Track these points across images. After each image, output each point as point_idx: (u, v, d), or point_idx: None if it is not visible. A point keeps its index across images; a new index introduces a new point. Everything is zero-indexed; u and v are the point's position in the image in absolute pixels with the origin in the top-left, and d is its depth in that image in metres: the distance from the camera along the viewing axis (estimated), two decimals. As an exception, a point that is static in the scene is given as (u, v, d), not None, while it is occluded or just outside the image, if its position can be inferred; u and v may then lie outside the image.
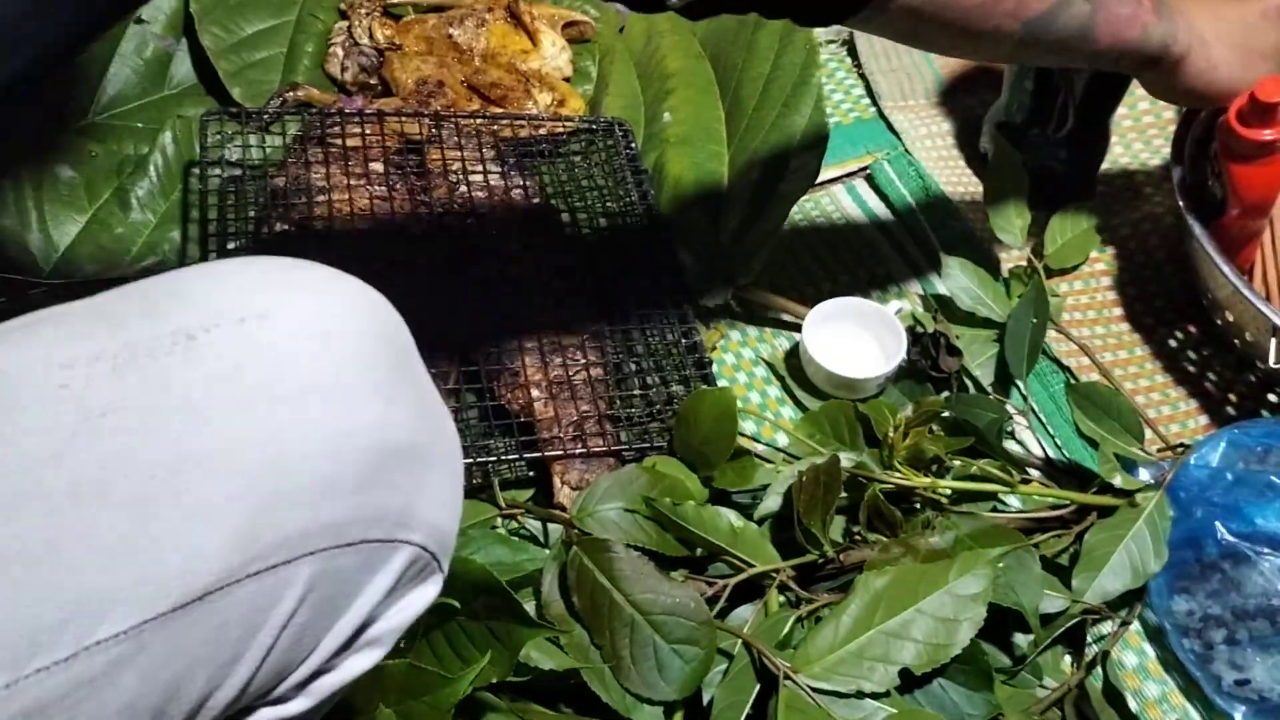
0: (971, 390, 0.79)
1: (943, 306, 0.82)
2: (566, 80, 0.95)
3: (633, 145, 0.88)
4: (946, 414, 0.72)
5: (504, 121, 0.88)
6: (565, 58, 0.95)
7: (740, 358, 0.81)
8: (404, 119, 0.85)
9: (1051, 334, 0.81)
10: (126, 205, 0.81)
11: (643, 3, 0.58)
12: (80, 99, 0.87)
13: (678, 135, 0.89)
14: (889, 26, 0.63)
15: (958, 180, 0.93)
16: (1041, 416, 0.79)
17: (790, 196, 0.80)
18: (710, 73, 0.92)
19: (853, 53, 1.04)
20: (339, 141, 0.81)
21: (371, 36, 0.92)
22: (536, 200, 0.83)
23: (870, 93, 1.01)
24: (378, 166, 0.81)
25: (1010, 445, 0.77)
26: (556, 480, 0.69)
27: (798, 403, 0.79)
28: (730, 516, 0.63)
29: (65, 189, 0.80)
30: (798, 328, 0.82)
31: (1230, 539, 0.66)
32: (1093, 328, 0.85)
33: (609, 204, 0.86)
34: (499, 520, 0.68)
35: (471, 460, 0.69)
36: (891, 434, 0.68)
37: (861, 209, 0.92)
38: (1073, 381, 0.80)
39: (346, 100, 0.88)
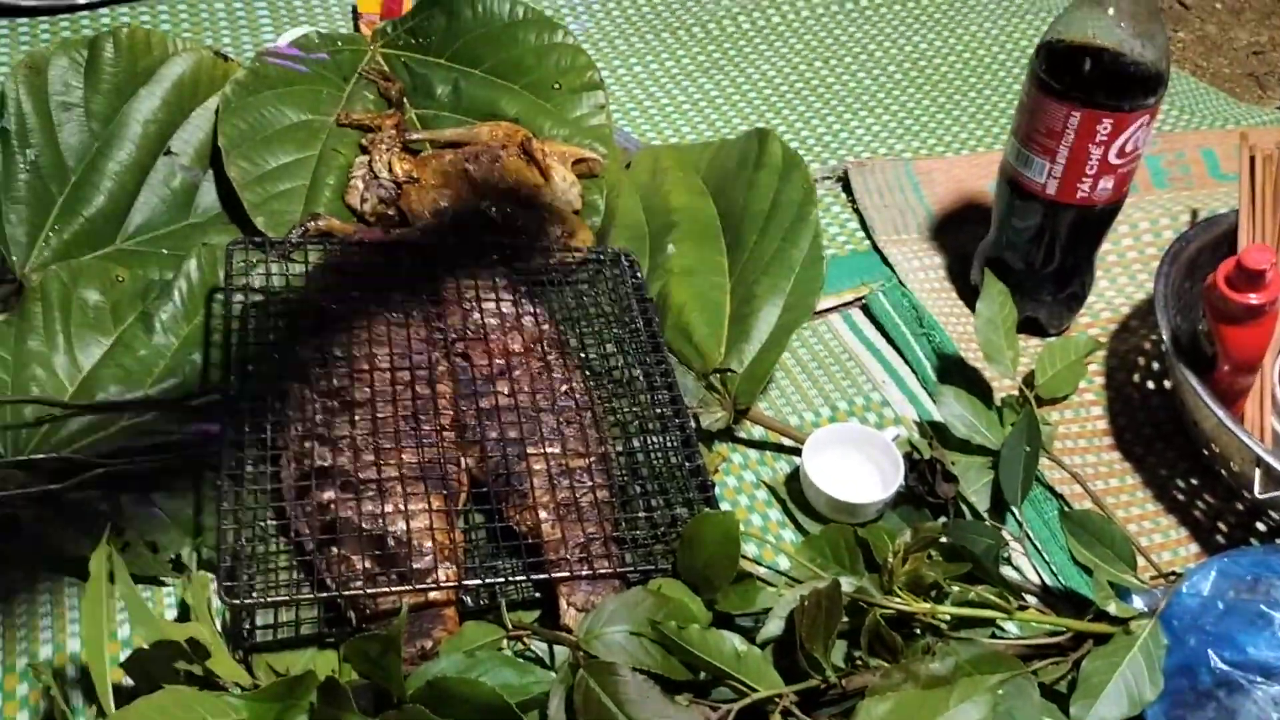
0: (968, 516, 0.81)
1: (938, 433, 0.85)
2: (576, 213, 1.00)
3: (639, 275, 0.91)
4: (944, 540, 0.74)
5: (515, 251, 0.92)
6: (575, 192, 1.00)
7: (742, 480, 0.84)
8: (422, 248, 0.88)
9: (1044, 462, 0.83)
10: (150, 329, 0.84)
11: None
12: (109, 226, 0.91)
13: (681, 266, 0.92)
14: None
15: (950, 311, 0.97)
16: (1037, 543, 0.80)
17: (790, 326, 0.84)
18: (713, 208, 0.96)
19: (847, 189, 1.09)
20: (359, 270, 0.85)
21: (391, 170, 0.97)
22: (546, 327, 0.86)
23: (865, 227, 1.05)
24: (395, 295, 0.84)
25: (1007, 571, 0.78)
26: (563, 602, 0.71)
27: (798, 526, 0.80)
28: (735, 641, 0.64)
29: (92, 312, 0.83)
30: (797, 451, 0.84)
31: (1224, 668, 0.67)
32: (1084, 456, 0.87)
33: (615, 330, 0.89)
34: (505, 642, 0.69)
35: (480, 581, 0.70)
36: (891, 559, 0.70)
37: (858, 337, 0.95)
38: (1066, 509, 0.82)
39: (366, 230, 0.92)
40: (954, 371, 0.89)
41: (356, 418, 0.76)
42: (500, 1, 1.06)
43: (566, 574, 0.71)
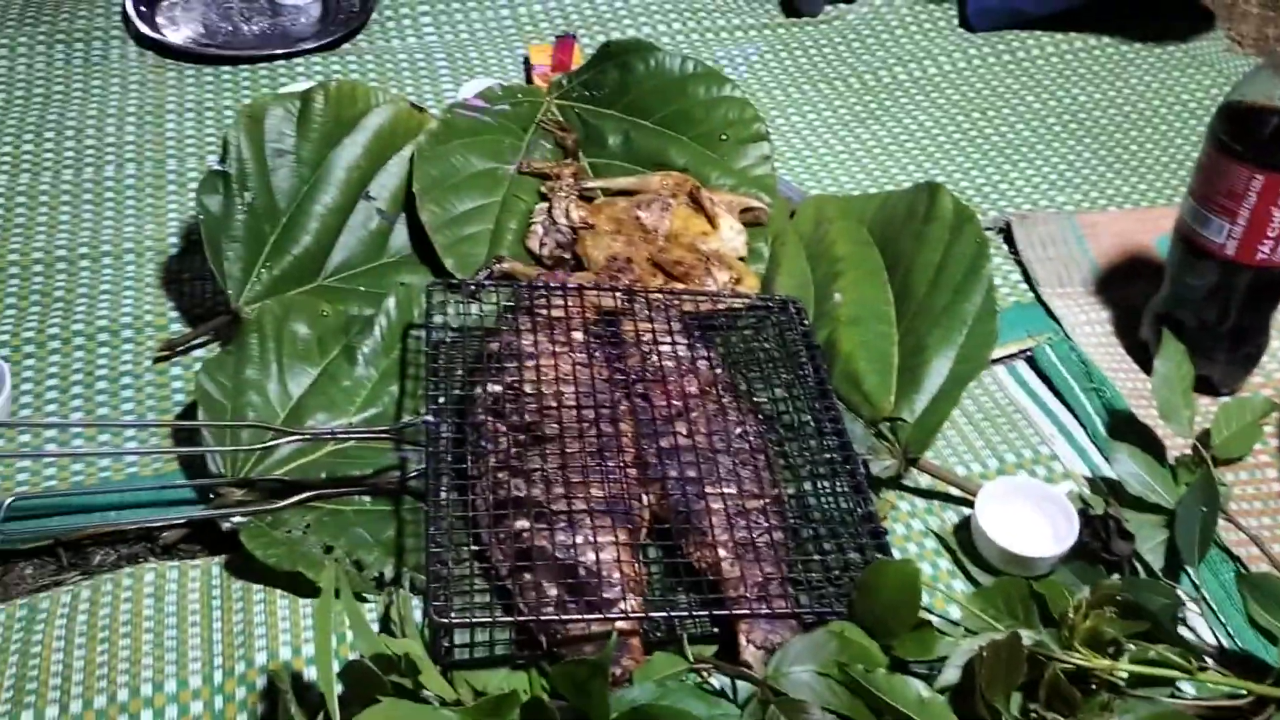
0: (1142, 575, 0.81)
1: (1110, 490, 0.85)
2: (742, 260, 1.03)
3: (806, 321, 0.94)
4: (1119, 597, 0.74)
5: (687, 297, 0.96)
6: (741, 239, 1.03)
7: (910, 529, 0.85)
8: (601, 292, 0.93)
9: (1220, 523, 0.82)
10: (353, 361, 0.90)
11: None
12: (313, 264, 0.98)
13: (848, 315, 0.95)
14: None
15: (1118, 367, 0.97)
16: (1213, 604, 0.80)
17: (963, 378, 0.85)
18: (879, 258, 0.99)
19: (1009, 240, 1.10)
20: (545, 311, 0.90)
21: (568, 216, 1.02)
22: (720, 371, 0.90)
23: (1027, 278, 1.06)
24: (578, 335, 0.89)
25: (1182, 632, 0.78)
26: (742, 639, 0.73)
27: (969, 576, 0.82)
28: (919, 687, 0.66)
29: (301, 344, 0.90)
30: (965, 502, 0.85)
31: None
32: (1259, 518, 0.86)
33: (783, 375, 0.92)
34: (686, 675, 0.72)
35: (666, 614, 0.73)
36: (1072, 614, 0.71)
37: (1024, 390, 0.96)
38: (1243, 571, 0.81)
39: (547, 273, 0.97)
40: (1125, 428, 0.89)
41: (546, 451, 0.80)
42: (671, 57, 1.11)
43: (747, 612, 0.73)
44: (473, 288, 0.94)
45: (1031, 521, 0.82)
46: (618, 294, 0.94)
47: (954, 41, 1.40)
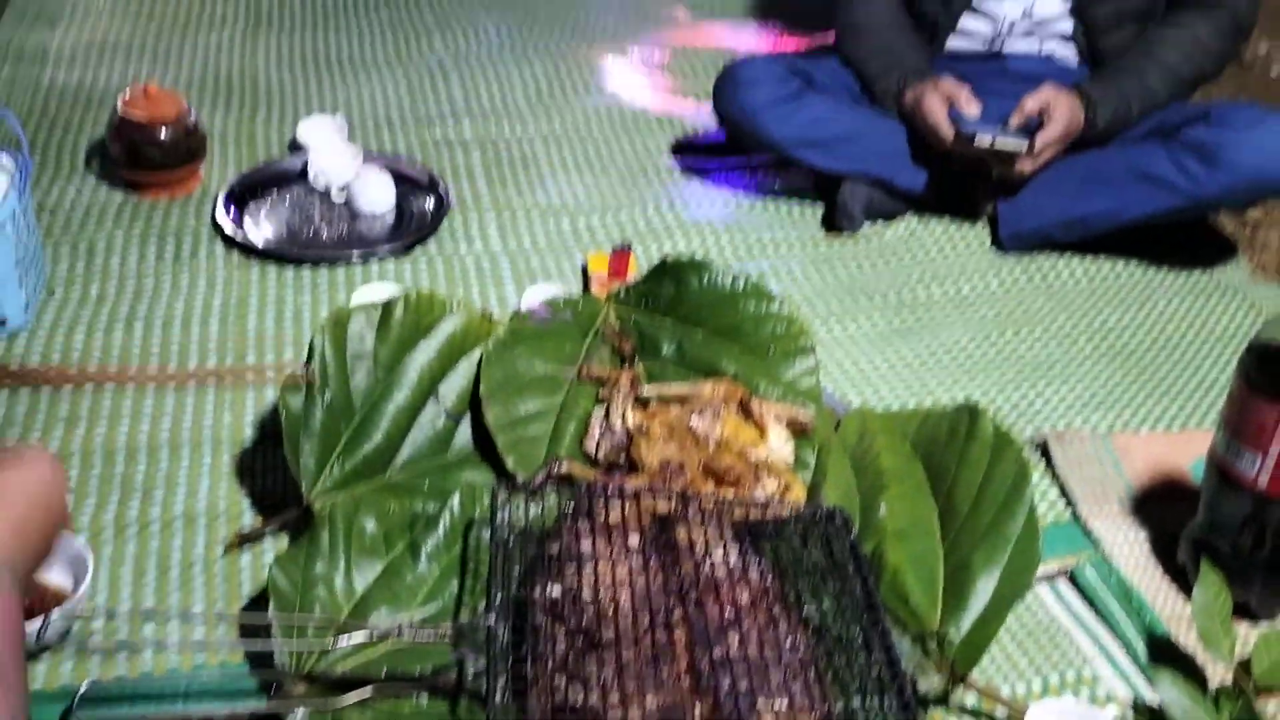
0: (1190, 806, 0.81)
1: (1154, 717, 0.86)
2: (789, 469, 1.07)
3: (853, 533, 0.97)
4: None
5: (737, 504, 0.99)
6: (789, 449, 1.08)
7: (957, 749, 0.86)
8: (656, 498, 0.97)
9: (1266, 754, 0.83)
10: (417, 556, 0.94)
11: None
12: (382, 460, 1.03)
13: (895, 528, 0.98)
14: None
15: (1157, 589, 0.99)
16: (1263, 840, 0.80)
17: (1009, 598, 0.88)
18: (922, 473, 1.03)
19: (1046, 457, 1.14)
20: (602, 515, 0.94)
21: (624, 420, 1.07)
22: (771, 580, 0.93)
23: (1064, 495, 1.10)
24: (634, 541, 0.93)
25: None
26: None
27: (1017, 801, 0.82)
28: None
29: (369, 539, 0.94)
30: (1011, 723, 0.86)
31: None
32: (1307, 751, 0.87)
33: (831, 585, 0.94)
34: None
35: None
36: None
37: (1065, 609, 0.98)
38: (1294, 807, 0.81)
39: (603, 476, 1.02)
40: (1166, 653, 0.91)
41: (603, 657, 0.82)
42: (723, 274, 1.18)
43: (798, 831, 0.74)
44: (534, 488, 0.98)
45: (1079, 747, 0.83)
46: (674, 499, 0.98)
47: (987, 261, 1.48)
